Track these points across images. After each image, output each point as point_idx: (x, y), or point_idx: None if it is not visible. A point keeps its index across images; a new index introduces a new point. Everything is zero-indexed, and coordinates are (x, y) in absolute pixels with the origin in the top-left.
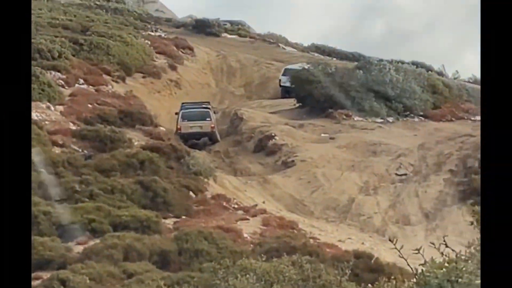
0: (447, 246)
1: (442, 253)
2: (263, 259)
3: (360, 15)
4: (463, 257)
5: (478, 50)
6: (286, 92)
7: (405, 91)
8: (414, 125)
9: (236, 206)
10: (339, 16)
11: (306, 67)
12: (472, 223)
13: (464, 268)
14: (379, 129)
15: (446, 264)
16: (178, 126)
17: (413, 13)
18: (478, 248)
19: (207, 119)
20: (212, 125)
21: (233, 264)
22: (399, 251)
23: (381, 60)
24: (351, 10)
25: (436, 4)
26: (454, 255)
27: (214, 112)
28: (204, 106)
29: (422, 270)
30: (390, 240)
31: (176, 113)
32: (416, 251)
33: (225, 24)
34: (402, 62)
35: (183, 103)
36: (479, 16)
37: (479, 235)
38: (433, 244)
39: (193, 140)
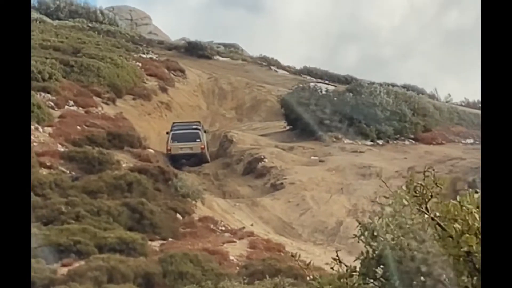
0: (340, 262)
1: (332, 268)
2: (245, 281)
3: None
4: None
5: (456, 75)
6: None
7: (396, 114)
8: (404, 148)
9: (223, 228)
10: (317, 42)
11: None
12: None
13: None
14: (369, 152)
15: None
16: (168, 148)
17: (388, 39)
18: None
19: (197, 140)
20: (202, 146)
21: (215, 286)
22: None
23: (372, 83)
24: (327, 36)
25: (411, 31)
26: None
27: (205, 131)
28: (194, 127)
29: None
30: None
31: (167, 133)
32: None
33: (219, 47)
34: (393, 85)
35: (174, 123)
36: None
37: None
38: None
39: (182, 161)
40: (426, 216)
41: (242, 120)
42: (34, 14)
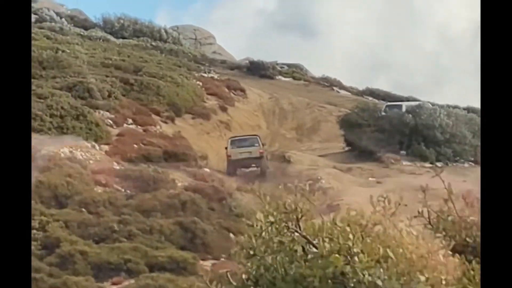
0: None
1: None
2: None
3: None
4: None
5: None
6: None
7: (455, 136)
8: (463, 170)
9: None
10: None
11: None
12: None
13: None
14: (428, 174)
15: None
16: (228, 153)
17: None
18: None
19: (256, 144)
20: (261, 151)
21: None
22: None
23: (433, 104)
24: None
25: (440, 59)
26: None
27: (263, 145)
28: (252, 135)
29: None
30: None
31: (226, 148)
32: None
33: (282, 67)
34: (455, 107)
35: (231, 137)
36: None
37: None
38: None
39: (243, 169)
40: (296, 234)
41: (302, 140)
42: (99, 33)
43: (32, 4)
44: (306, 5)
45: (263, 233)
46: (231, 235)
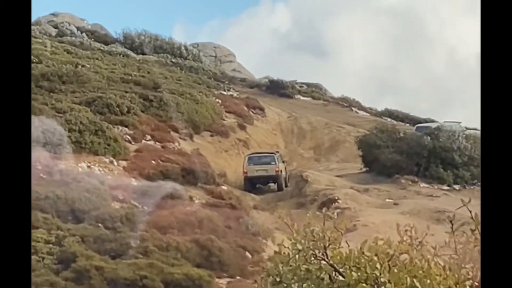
0: None
1: None
2: None
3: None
4: None
5: None
6: None
7: (474, 159)
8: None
9: None
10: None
11: (435, 126)
12: None
13: None
14: (445, 197)
15: None
16: (245, 170)
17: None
18: None
19: (272, 163)
20: (277, 169)
21: None
22: None
23: (451, 126)
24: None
25: (448, 82)
26: None
27: (283, 161)
28: (270, 152)
29: None
30: None
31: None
32: None
33: (302, 86)
34: (473, 129)
35: (253, 153)
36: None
37: None
38: None
39: (259, 185)
40: (324, 262)
41: (319, 160)
42: (119, 48)
43: (53, 18)
44: (319, 25)
45: (290, 261)
46: (247, 253)
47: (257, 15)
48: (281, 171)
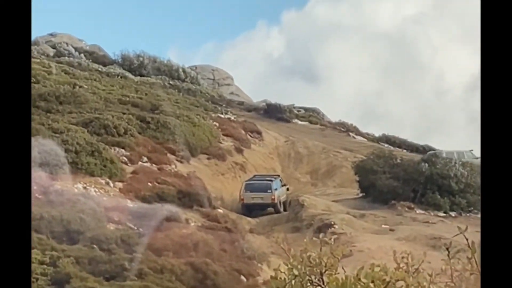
0: None
1: None
2: None
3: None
4: None
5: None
6: None
7: (470, 186)
8: (476, 221)
9: None
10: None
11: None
12: None
13: None
14: (441, 224)
15: None
16: (241, 197)
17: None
18: None
19: (268, 191)
20: (273, 197)
21: None
22: None
23: (448, 153)
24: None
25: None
26: None
27: (284, 185)
28: (268, 179)
29: None
30: None
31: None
32: None
33: (299, 111)
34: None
35: (254, 175)
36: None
37: None
38: None
39: (257, 211)
40: None
41: (316, 185)
42: (117, 69)
43: (51, 39)
44: (311, 51)
45: (286, 286)
46: (242, 277)
47: (252, 39)
48: (277, 198)
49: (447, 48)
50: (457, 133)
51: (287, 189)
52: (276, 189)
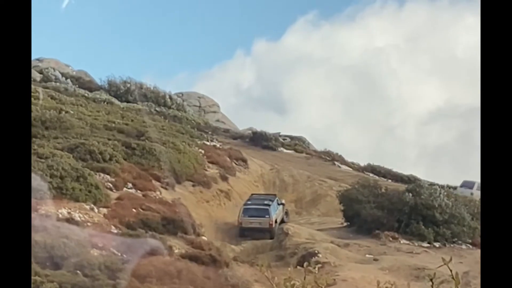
0: None
1: None
2: None
3: None
4: None
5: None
6: None
7: (454, 217)
8: (461, 252)
9: None
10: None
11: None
12: None
13: None
14: (425, 254)
15: None
16: (240, 221)
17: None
18: None
19: (266, 216)
20: (270, 223)
21: None
22: None
23: (433, 184)
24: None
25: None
26: None
27: (280, 204)
28: (266, 202)
29: None
30: None
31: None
32: None
33: (285, 139)
34: (454, 188)
35: (252, 194)
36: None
37: None
38: None
39: (253, 235)
40: None
41: (301, 213)
42: (103, 95)
43: (38, 64)
44: (279, 82)
45: None
46: None
47: (227, 69)
48: (275, 223)
49: (411, 81)
50: (407, 168)
51: (283, 206)
52: (274, 212)
